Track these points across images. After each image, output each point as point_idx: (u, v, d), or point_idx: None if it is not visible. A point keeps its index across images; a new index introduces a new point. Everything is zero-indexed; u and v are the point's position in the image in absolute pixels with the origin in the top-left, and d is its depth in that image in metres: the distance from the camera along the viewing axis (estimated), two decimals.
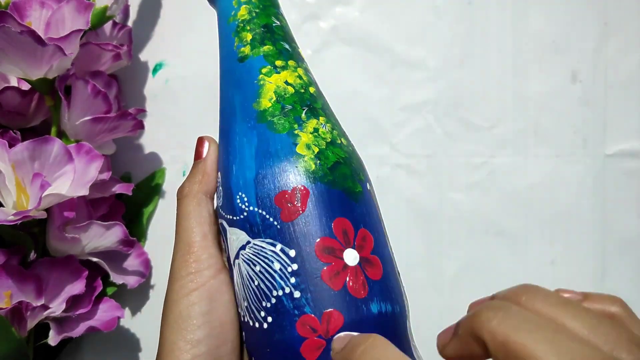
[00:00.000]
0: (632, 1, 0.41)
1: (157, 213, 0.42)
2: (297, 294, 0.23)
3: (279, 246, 0.23)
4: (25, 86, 0.37)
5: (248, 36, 0.27)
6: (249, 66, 0.26)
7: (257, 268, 0.24)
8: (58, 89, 0.35)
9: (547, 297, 0.17)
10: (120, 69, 0.40)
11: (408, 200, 0.41)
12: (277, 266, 0.23)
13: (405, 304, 0.25)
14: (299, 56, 0.28)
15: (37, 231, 0.36)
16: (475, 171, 0.41)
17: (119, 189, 0.38)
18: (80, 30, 0.33)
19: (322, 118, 0.26)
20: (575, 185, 0.41)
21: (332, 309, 0.22)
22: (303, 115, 0.25)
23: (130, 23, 0.43)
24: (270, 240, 0.23)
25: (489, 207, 0.41)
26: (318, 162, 0.24)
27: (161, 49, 0.43)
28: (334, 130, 0.26)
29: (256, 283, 0.24)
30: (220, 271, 0.26)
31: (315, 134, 0.25)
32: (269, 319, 0.23)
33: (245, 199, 0.24)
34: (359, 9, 0.42)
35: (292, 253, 0.23)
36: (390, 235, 0.26)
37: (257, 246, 0.24)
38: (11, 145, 0.32)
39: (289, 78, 0.26)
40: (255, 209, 0.24)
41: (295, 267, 0.23)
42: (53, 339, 0.33)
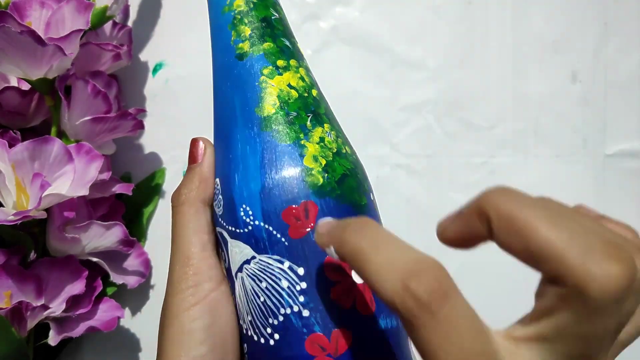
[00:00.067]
0: (632, 1, 0.41)
1: (157, 213, 0.42)
2: (305, 313, 0.22)
3: (287, 263, 0.23)
4: (25, 86, 0.37)
5: (246, 30, 0.26)
6: (249, 66, 0.25)
7: (264, 284, 0.23)
8: (58, 89, 0.34)
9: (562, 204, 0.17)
10: (120, 69, 0.40)
11: (408, 200, 0.41)
12: (285, 284, 0.22)
13: None
14: (299, 53, 0.27)
15: (37, 231, 0.36)
16: (475, 171, 0.41)
17: (119, 189, 0.38)
18: (80, 30, 0.33)
19: (326, 125, 0.25)
20: (575, 185, 0.41)
21: (342, 328, 0.22)
22: (308, 123, 0.24)
23: (130, 23, 0.43)
24: (277, 257, 0.23)
25: None
26: (326, 175, 0.23)
27: (161, 49, 0.43)
28: (339, 139, 0.25)
29: (262, 299, 0.23)
30: (221, 283, 0.25)
31: (322, 144, 0.24)
32: (276, 336, 0.22)
33: (250, 213, 0.23)
34: (359, 9, 0.42)
35: (300, 271, 0.22)
36: None
37: (264, 262, 0.23)
38: (11, 145, 0.32)
39: (291, 80, 0.25)
40: (261, 224, 0.23)
41: (304, 285, 0.22)
42: (53, 339, 0.33)
